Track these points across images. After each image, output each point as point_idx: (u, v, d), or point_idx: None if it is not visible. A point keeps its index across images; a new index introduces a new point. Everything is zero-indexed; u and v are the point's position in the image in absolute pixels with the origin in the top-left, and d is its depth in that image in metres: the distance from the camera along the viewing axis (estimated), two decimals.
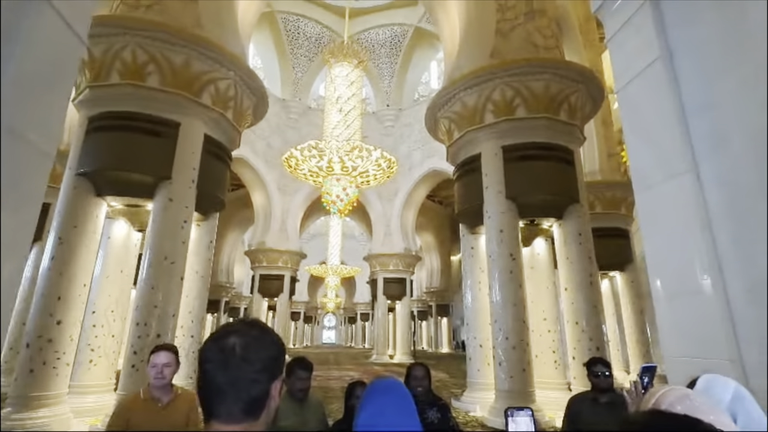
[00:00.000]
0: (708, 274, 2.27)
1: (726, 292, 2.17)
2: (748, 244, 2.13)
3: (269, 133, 18.80)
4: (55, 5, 2.19)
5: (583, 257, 6.73)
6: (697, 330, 2.32)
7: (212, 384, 0.73)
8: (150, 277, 5.40)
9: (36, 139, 2.03)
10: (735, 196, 2.18)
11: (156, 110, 5.85)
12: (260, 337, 0.78)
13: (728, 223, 2.20)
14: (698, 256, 2.31)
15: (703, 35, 2.31)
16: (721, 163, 2.23)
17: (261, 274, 18.30)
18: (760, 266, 2.08)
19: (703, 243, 2.27)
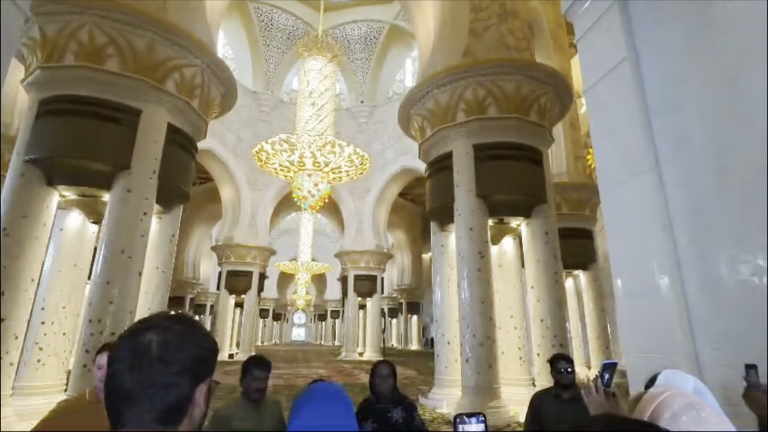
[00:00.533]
0: (667, 272, 2.33)
1: (683, 290, 2.23)
2: (705, 244, 2.19)
3: (239, 126, 18.30)
4: None
5: (549, 256, 6.88)
6: (655, 326, 2.38)
7: (119, 388, 0.62)
8: (105, 272, 5.11)
9: None
10: (693, 196, 2.24)
11: (115, 96, 5.53)
12: (184, 334, 0.67)
13: (687, 223, 2.26)
14: (658, 255, 2.36)
15: (668, 38, 2.36)
16: (682, 163, 2.28)
17: (228, 270, 17.82)
18: (714, 265, 2.14)
19: (663, 242, 2.32)
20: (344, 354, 19.43)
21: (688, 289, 2.24)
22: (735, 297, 2.01)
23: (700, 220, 2.18)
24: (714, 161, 2.13)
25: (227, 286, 17.84)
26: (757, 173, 1.92)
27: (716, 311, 2.07)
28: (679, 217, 2.27)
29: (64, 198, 5.83)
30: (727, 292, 2.05)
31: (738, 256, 1.99)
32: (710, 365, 2.05)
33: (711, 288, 2.11)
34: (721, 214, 2.07)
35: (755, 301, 1.91)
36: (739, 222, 2.01)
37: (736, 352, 1.94)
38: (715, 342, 2.07)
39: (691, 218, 2.22)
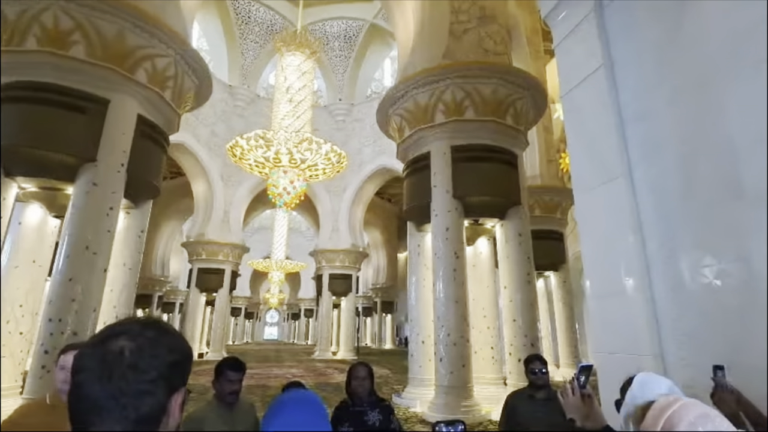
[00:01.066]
0: (636, 275, 2.41)
1: (652, 292, 2.32)
2: (672, 248, 2.28)
3: (214, 120, 17.83)
4: None
5: (522, 257, 7.02)
6: (625, 327, 2.46)
7: (87, 399, 0.58)
8: (68, 269, 4.87)
9: None
10: (662, 201, 2.33)
11: (81, 84, 5.28)
12: (158, 339, 0.63)
13: (656, 228, 2.34)
14: (628, 258, 2.44)
15: (641, 47, 2.43)
16: (652, 169, 2.36)
17: (200, 267, 17.34)
18: (680, 268, 2.23)
19: (633, 246, 2.40)
20: (318, 353, 19.27)
21: (657, 291, 2.32)
22: (699, 299, 2.09)
23: (668, 225, 2.26)
24: (682, 168, 2.21)
25: (198, 284, 17.37)
26: (722, 180, 2.01)
27: (682, 313, 2.16)
28: (648, 221, 2.35)
29: (24, 190, 5.53)
30: (691, 294, 2.14)
31: (702, 259, 2.07)
32: (675, 365, 2.13)
33: (677, 290, 2.19)
34: (687, 219, 2.16)
35: (717, 303, 2.00)
36: (704, 227, 2.09)
37: (700, 353, 2.02)
38: (680, 342, 2.15)
39: (659, 223, 2.30)
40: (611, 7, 2.54)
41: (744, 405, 1.36)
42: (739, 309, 1.86)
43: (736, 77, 1.91)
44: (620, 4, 2.51)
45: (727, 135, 1.95)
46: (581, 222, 2.73)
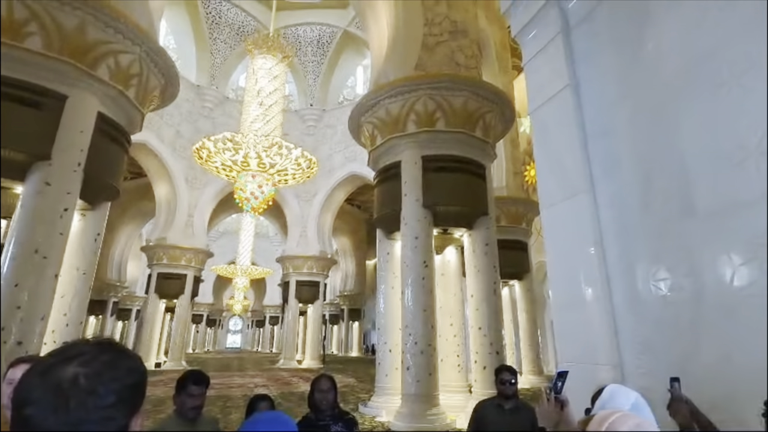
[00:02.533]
0: (596, 286, 2.51)
1: (612, 303, 2.42)
2: (630, 260, 2.39)
3: (179, 120, 17.27)
4: None
5: (488, 266, 7.16)
6: (586, 337, 2.55)
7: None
8: (13, 273, 4.54)
9: None
10: (621, 216, 2.44)
11: (36, 78, 4.98)
12: (114, 363, 0.59)
13: (616, 241, 2.45)
14: (589, 270, 2.54)
15: (605, 68, 2.56)
16: (613, 185, 2.48)
17: (159, 272, 16.62)
18: (637, 280, 2.34)
19: (594, 258, 2.50)
20: (282, 362, 18.85)
21: (616, 302, 2.43)
22: (654, 310, 2.20)
23: (627, 239, 2.38)
24: (640, 184, 2.33)
25: (157, 290, 16.63)
26: (676, 197, 2.14)
27: (639, 323, 2.26)
28: (609, 235, 2.46)
29: None
30: (647, 305, 2.25)
31: (657, 273, 2.19)
32: (633, 374, 2.22)
33: (634, 302, 2.30)
34: (644, 234, 2.27)
35: (671, 314, 2.11)
36: (659, 241, 2.21)
37: (656, 362, 2.13)
38: (637, 352, 2.25)
39: (619, 237, 2.41)
40: (577, 30, 2.67)
41: (696, 415, 1.44)
42: (691, 321, 1.97)
43: (691, 99, 2.04)
44: (586, 28, 2.63)
45: (680, 154, 2.08)
46: (547, 235, 2.82)
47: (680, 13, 2.10)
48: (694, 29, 2.03)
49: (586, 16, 2.60)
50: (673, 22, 2.14)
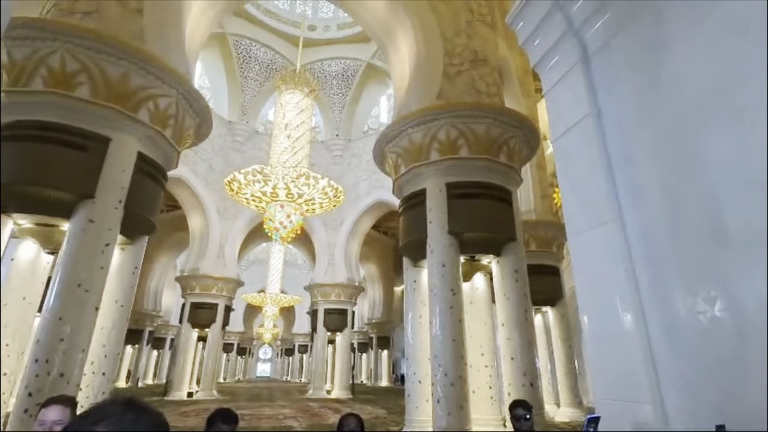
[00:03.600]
0: (631, 317, 2.41)
1: (648, 335, 2.31)
2: (664, 292, 2.29)
3: (212, 155, 18.07)
4: None
5: (519, 294, 6.98)
6: (622, 372, 2.43)
7: None
8: (58, 307, 4.78)
9: None
10: (651, 244, 2.36)
11: (84, 123, 5.38)
12: (138, 420, 0.64)
13: (647, 270, 2.37)
14: (622, 300, 2.45)
15: (625, 96, 2.55)
16: (640, 214, 2.42)
17: (192, 302, 17.04)
18: (673, 312, 2.24)
19: (627, 288, 2.42)
20: (311, 392, 18.66)
21: (652, 333, 2.32)
22: (693, 344, 2.09)
23: (658, 269, 2.29)
24: (668, 213, 2.26)
25: (190, 320, 17.00)
26: (707, 226, 2.06)
27: (678, 358, 2.15)
28: (640, 264, 2.38)
29: (19, 227, 5.51)
30: (685, 338, 2.14)
31: (694, 305, 2.09)
32: (675, 413, 2.09)
33: (671, 334, 2.19)
34: (675, 263, 2.19)
35: (711, 349, 2.00)
36: (693, 272, 2.12)
37: (697, 400, 2.00)
38: (678, 389, 2.13)
39: (650, 266, 2.33)
40: (596, 59, 2.68)
41: None
42: (733, 357, 1.86)
43: (714, 126, 2.00)
44: (604, 57, 2.64)
45: (708, 182, 2.02)
46: (575, 264, 2.75)
47: (697, 41, 2.09)
48: (712, 57, 2.00)
49: (604, 45, 2.62)
50: (690, 49, 2.13)
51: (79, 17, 5.74)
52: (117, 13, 5.96)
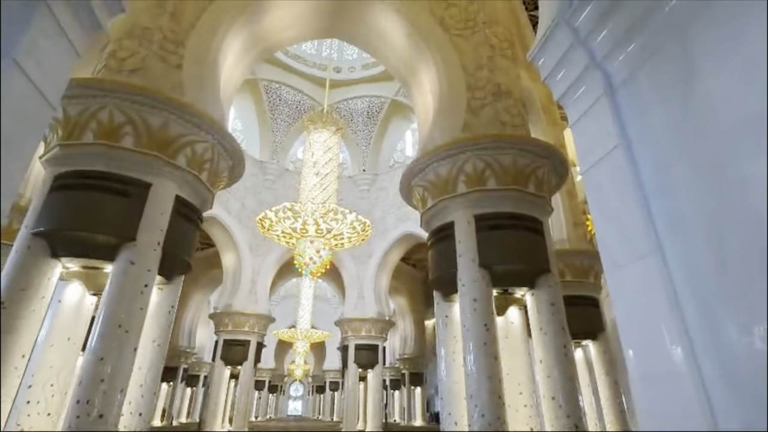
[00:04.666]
0: (681, 356, 2.26)
1: (701, 376, 2.15)
2: (715, 327, 2.14)
3: (245, 194, 18.74)
4: (24, 69, 2.17)
5: (556, 328, 6.68)
6: (675, 417, 2.25)
7: None
8: (99, 348, 4.95)
9: None
10: (697, 278, 2.23)
11: (127, 170, 5.75)
12: None
13: (695, 306, 2.23)
14: (670, 338, 2.30)
15: (655, 126, 2.50)
16: (682, 245, 2.31)
17: (225, 339, 17.22)
18: (727, 350, 2.08)
19: (673, 325, 2.28)
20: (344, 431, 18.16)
21: (706, 374, 2.15)
22: (754, 387, 1.92)
23: (707, 304, 2.15)
24: (713, 243, 2.15)
25: (223, 357, 17.13)
26: (756, 256, 1.94)
27: (738, 403, 1.98)
28: (686, 300, 2.25)
29: (67, 270, 5.83)
30: (745, 381, 1.97)
31: (751, 344, 1.94)
32: None
33: (729, 376, 2.03)
34: (725, 298, 2.05)
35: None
36: (745, 307, 1.98)
37: None
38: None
39: (698, 302, 2.20)
40: (622, 91, 2.66)
41: None
42: None
43: (754, 155, 1.92)
44: (630, 88, 2.62)
45: (754, 211, 1.92)
46: (615, 299, 2.63)
47: (728, 70, 2.04)
48: (745, 85, 1.95)
49: (629, 77, 2.61)
50: (721, 78, 2.08)
51: (126, 74, 6.25)
52: (160, 69, 6.45)
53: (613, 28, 2.74)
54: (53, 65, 2.27)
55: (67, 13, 2.35)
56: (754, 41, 2.00)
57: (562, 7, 3.08)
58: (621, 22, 2.69)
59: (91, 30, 2.58)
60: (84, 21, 2.50)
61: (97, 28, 2.61)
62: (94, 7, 2.51)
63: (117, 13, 2.77)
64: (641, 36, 2.57)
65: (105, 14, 2.65)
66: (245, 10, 8.13)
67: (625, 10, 2.66)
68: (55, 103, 2.31)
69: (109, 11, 2.70)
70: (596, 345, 11.86)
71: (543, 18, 3.63)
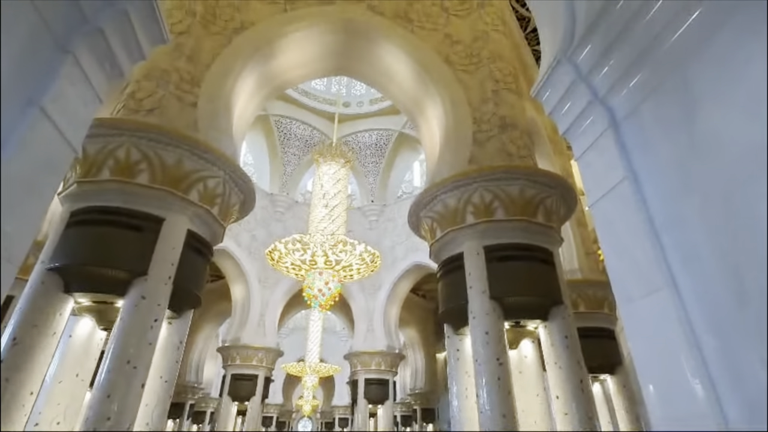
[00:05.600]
0: (704, 397, 2.17)
1: (726, 419, 2.06)
2: (739, 366, 2.07)
3: (255, 226, 18.91)
4: (51, 116, 2.28)
5: (572, 362, 6.48)
6: None
7: None
8: (107, 385, 4.91)
9: (3, 248, 1.96)
10: (715, 313, 2.18)
11: (141, 206, 5.88)
12: None
13: (715, 342, 2.16)
14: (692, 376, 2.23)
15: (660, 159, 2.51)
16: (696, 279, 2.26)
17: (233, 373, 16.93)
18: (754, 390, 2.00)
19: (693, 362, 2.20)
20: None
21: (732, 418, 2.06)
22: None
23: (728, 341, 2.09)
24: (730, 277, 2.11)
25: (231, 392, 16.78)
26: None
27: None
28: (705, 336, 2.18)
29: (79, 305, 5.87)
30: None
31: None
32: None
33: (757, 420, 1.94)
34: (747, 335, 1.99)
35: None
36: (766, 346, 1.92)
37: None
38: None
39: (717, 338, 2.13)
40: (626, 124, 2.70)
41: None
42: None
43: (762, 187, 1.92)
44: (634, 121, 2.66)
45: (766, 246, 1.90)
46: (630, 334, 2.57)
47: (729, 105, 2.08)
48: (748, 120, 1.98)
49: (633, 111, 2.65)
50: (723, 113, 2.11)
51: (144, 114, 6.50)
52: (176, 108, 6.71)
53: (614, 65, 2.81)
54: (77, 111, 2.39)
55: (92, 62, 2.50)
56: (755, 75, 2.04)
57: (564, 45, 3.18)
58: (621, 59, 2.76)
59: (114, 77, 2.72)
60: (107, 69, 2.65)
61: (119, 76, 2.75)
62: (118, 56, 2.66)
63: (138, 60, 2.93)
64: (642, 72, 2.63)
65: (127, 62, 2.80)
66: (258, 52, 8.49)
67: (625, 48, 2.74)
68: (77, 146, 2.41)
69: (132, 59, 2.86)
70: (615, 379, 11.40)
71: (545, 55, 3.74)
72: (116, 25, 2.60)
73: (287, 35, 8.94)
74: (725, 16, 2.26)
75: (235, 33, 8.26)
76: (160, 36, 2.99)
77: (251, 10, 8.76)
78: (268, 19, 8.82)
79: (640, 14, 2.63)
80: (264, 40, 8.60)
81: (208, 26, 8.03)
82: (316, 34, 9.39)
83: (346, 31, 9.54)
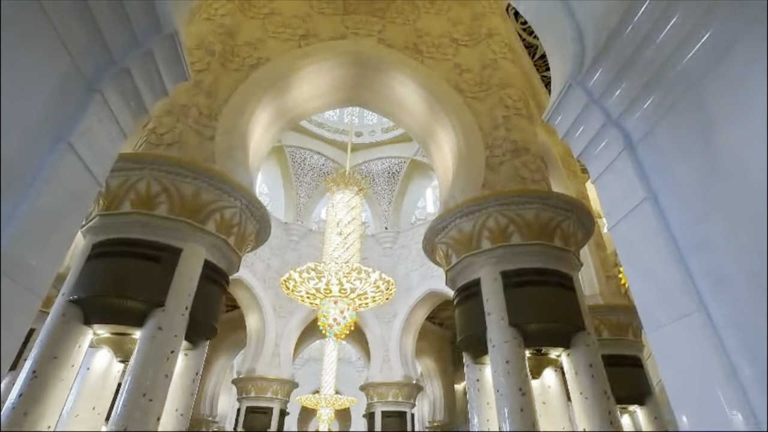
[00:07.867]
0: (742, 429, 2.05)
1: None
2: None
3: (270, 255, 19.01)
4: (78, 151, 2.37)
5: (598, 392, 6.20)
6: None
7: None
8: (122, 419, 4.86)
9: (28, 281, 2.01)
10: (749, 337, 2.08)
11: (159, 236, 5.99)
12: None
13: (751, 368, 2.05)
14: (728, 404, 2.11)
15: (680, 179, 2.47)
16: (727, 302, 2.18)
17: (248, 406, 16.62)
18: None
19: (729, 390, 2.09)
20: None
21: None
22: None
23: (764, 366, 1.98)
24: (764, 301, 2.03)
25: (245, 425, 16.43)
26: None
27: None
28: (739, 360, 2.08)
29: (98, 336, 5.91)
30: None
31: None
32: None
33: None
34: None
35: None
36: None
37: None
38: None
39: (752, 363, 2.03)
40: (642, 146, 2.68)
41: None
42: None
43: None
44: (650, 142, 2.64)
45: None
46: (661, 361, 2.46)
47: (748, 123, 2.05)
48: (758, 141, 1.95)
49: (648, 132, 2.64)
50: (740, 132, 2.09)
51: (164, 148, 6.72)
52: (195, 141, 6.92)
53: (626, 88, 2.82)
54: (103, 146, 2.49)
55: (118, 99, 2.62)
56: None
57: (574, 70, 3.22)
58: (634, 81, 2.77)
59: (138, 113, 2.84)
60: (132, 106, 2.77)
61: (143, 112, 2.87)
62: (143, 94, 2.78)
63: (161, 97, 3.06)
64: (655, 94, 2.63)
65: (151, 99, 2.93)
66: (273, 86, 8.79)
67: (636, 71, 2.75)
68: (102, 180, 2.50)
69: (155, 96, 2.98)
70: (645, 410, 10.81)
71: (555, 80, 3.78)
72: (142, 65, 2.74)
73: (301, 69, 9.25)
74: (735, 37, 2.27)
75: (252, 69, 8.59)
76: (182, 74, 3.13)
77: (267, 48, 9.14)
78: (283, 54, 9.17)
79: (649, 38, 2.65)
80: (279, 75, 8.91)
81: (226, 63, 8.39)
82: (329, 67, 9.71)
83: (357, 64, 9.84)
